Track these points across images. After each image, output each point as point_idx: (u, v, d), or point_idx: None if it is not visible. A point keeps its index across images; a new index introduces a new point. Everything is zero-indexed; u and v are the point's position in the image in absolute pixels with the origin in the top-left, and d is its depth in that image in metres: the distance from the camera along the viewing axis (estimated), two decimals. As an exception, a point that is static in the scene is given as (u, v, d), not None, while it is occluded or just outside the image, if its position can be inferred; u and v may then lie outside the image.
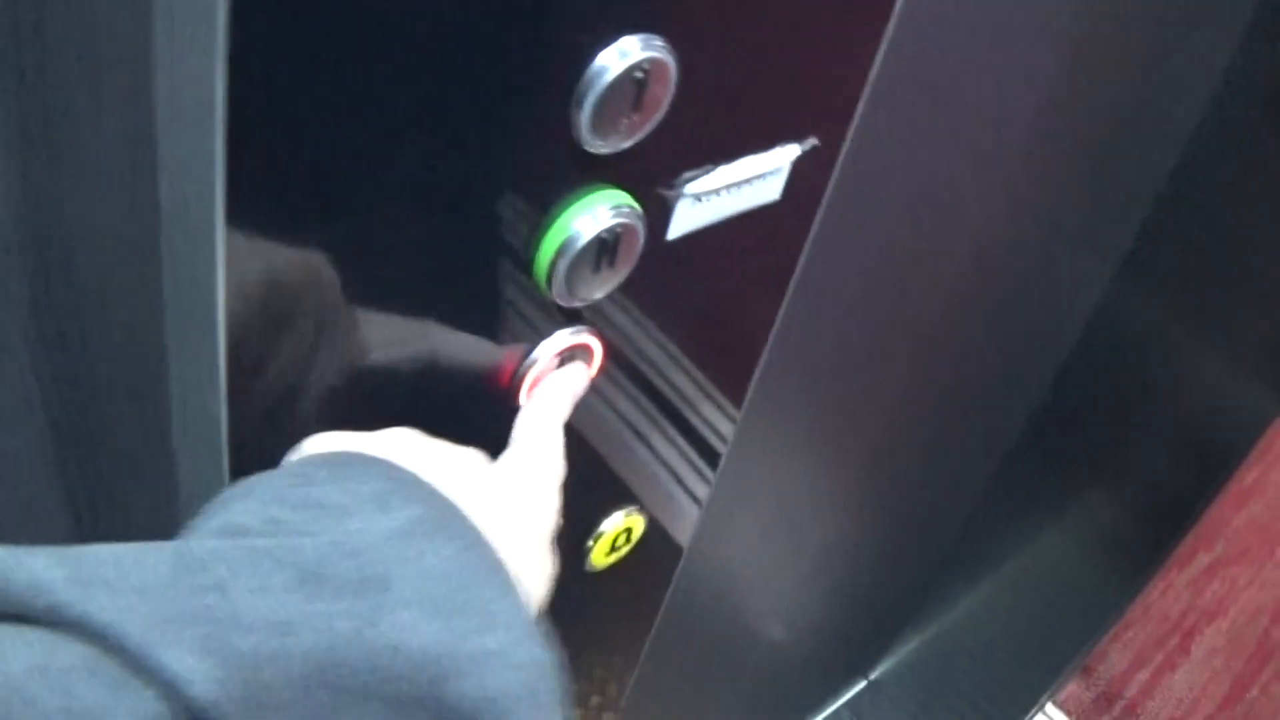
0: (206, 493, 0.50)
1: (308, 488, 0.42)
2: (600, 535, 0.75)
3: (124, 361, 0.51)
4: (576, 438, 0.65)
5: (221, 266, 0.41)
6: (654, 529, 0.79)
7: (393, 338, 0.50)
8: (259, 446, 0.48)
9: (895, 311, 1.10)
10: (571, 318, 0.56)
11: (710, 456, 0.78)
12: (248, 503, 0.41)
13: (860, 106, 0.60)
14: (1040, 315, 1.39)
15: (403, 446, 0.48)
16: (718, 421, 0.75)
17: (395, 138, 0.42)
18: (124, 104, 0.42)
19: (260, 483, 0.43)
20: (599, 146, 0.48)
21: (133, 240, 0.45)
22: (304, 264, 0.44)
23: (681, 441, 0.74)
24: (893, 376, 1.21)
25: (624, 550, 0.78)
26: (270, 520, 0.40)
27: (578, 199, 0.49)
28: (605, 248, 0.51)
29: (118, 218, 0.46)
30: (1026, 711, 1.84)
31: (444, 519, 0.43)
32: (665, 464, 0.75)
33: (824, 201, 0.64)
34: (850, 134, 0.61)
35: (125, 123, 0.42)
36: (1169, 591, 2.24)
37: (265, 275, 0.43)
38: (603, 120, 0.46)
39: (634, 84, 0.46)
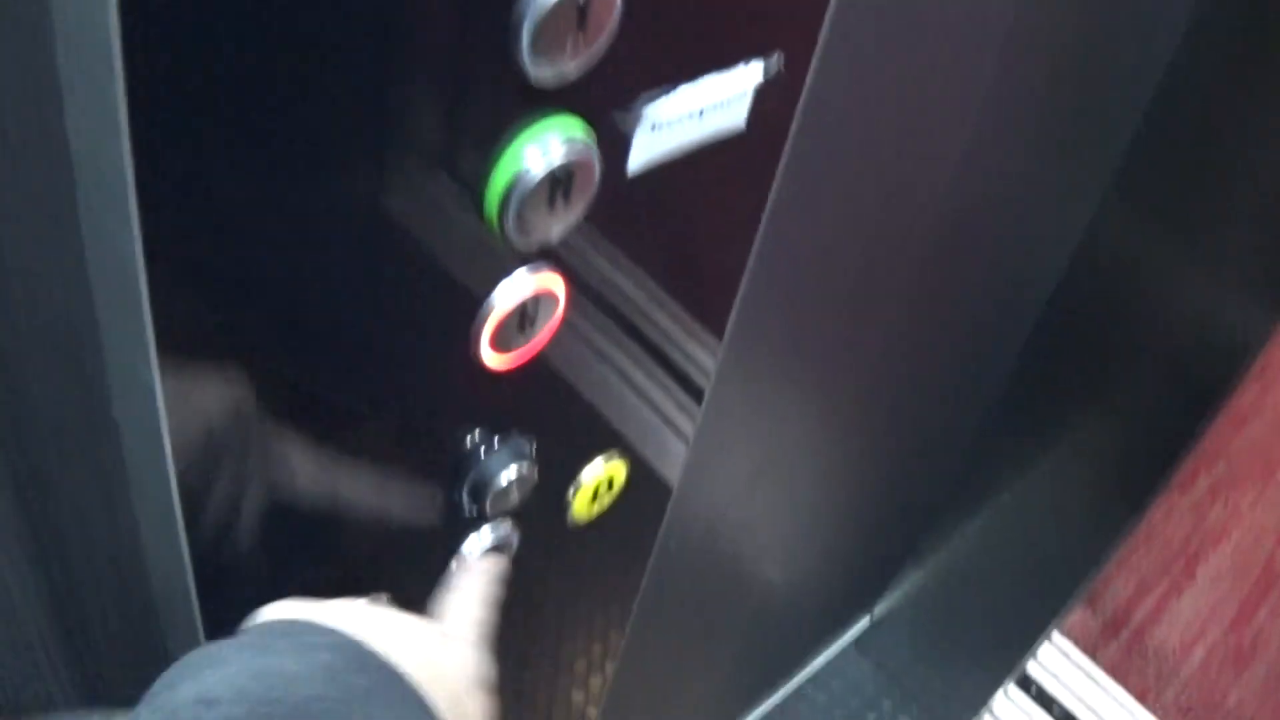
0: (151, 474, 0.48)
1: (267, 658, 0.46)
2: (580, 486, 0.72)
3: (56, 340, 0.48)
4: (557, 380, 0.62)
5: (138, 233, 0.38)
6: (640, 471, 0.77)
7: (342, 294, 0.47)
8: (197, 412, 0.46)
9: (878, 239, 1.07)
10: (536, 259, 0.53)
11: (694, 392, 0.75)
12: (217, 672, 0.45)
13: (827, 17, 0.56)
14: (1029, 240, 1.37)
15: (351, 615, 0.52)
16: (699, 355, 0.72)
17: (323, 76, 0.39)
18: (25, 75, 0.39)
19: (225, 651, 0.47)
20: (544, 73, 0.44)
21: (49, 215, 0.42)
22: (242, 214, 0.41)
23: (663, 377, 0.71)
24: (880, 304, 1.18)
25: (607, 500, 0.76)
26: (238, 690, 0.44)
27: (524, 131, 0.46)
28: (558, 183, 0.48)
29: (30, 193, 0.43)
30: (1033, 642, 1.83)
31: (389, 687, 0.48)
32: (648, 401, 0.72)
33: (793, 127, 0.61)
34: (817, 52, 0.57)
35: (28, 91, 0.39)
36: (1171, 516, 2.22)
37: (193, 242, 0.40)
38: (546, 43, 0.43)
39: (576, 2, 0.43)
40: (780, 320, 1.02)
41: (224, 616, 0.56)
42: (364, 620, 0.51)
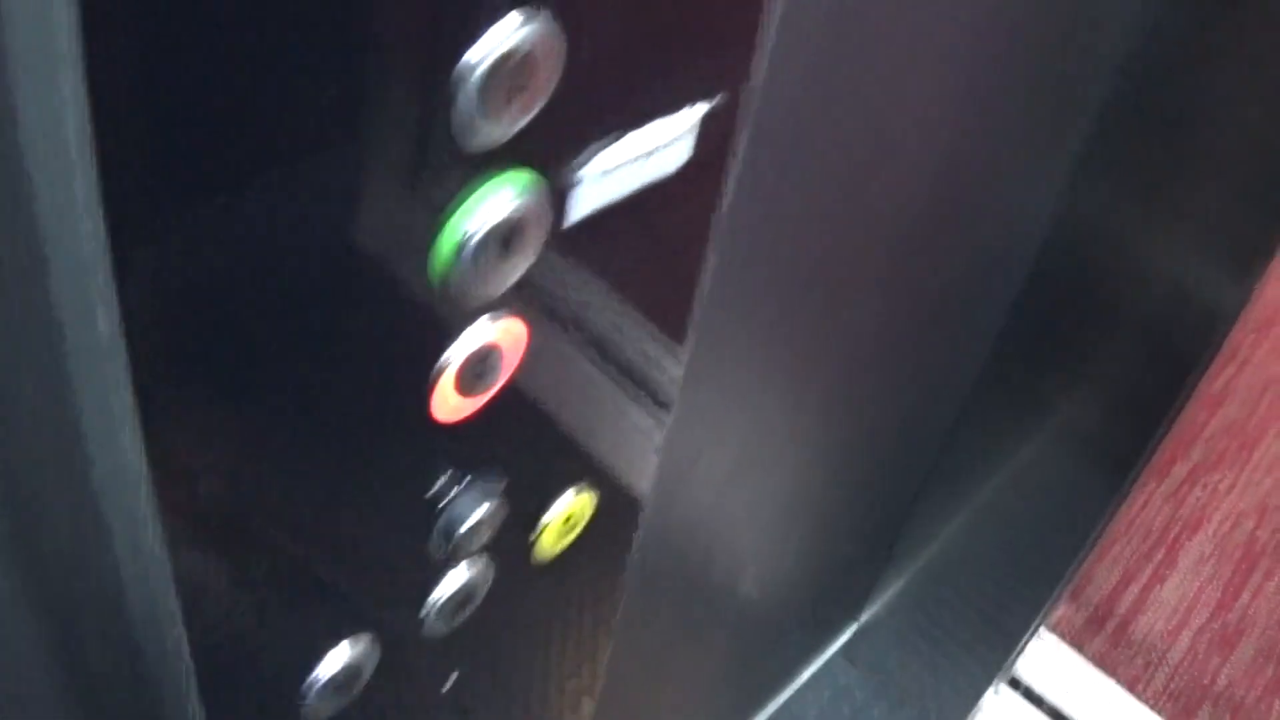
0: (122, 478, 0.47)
1: None
2: (552, 513, 0.72)
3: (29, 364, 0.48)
4: (523, 415, 0.62)
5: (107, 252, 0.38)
6: (612, 490, 0.77)
7: (300, 354, 0.47)
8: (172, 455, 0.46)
9: (846, 236, 1.07)
10: (493, 306, 0.53)
11: (663, 402, 0.75)
12: None
13: (768, 46, 0.56)
14: (1001, 227, 1.37)
15: None
16: (666, 362, 0.72)
17: (270, 138, 0.39)
18: None
19: None
20: (488, 134, 0.44)
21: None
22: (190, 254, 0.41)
23: (631, 389, 0.71)
24: (851, 302, 1.18)
25: (580, 524, 0.76)
26: None
27: (471, 194, 0.46)
28: (508, 236, 0.48)
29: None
30: (1021, 638, 1.84)
31: None
32: (616, 415, 0.72)
33: (744, 137, 0.61)
34: (763, 72, 0.57)
35: None
36: (1149, 504, 2.23)
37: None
38: (488, 106, 0.43)
39: (519, 63, 0.43)
40: (745, 325, 1.02)
41: (206, 635, 0.56)
42: None
